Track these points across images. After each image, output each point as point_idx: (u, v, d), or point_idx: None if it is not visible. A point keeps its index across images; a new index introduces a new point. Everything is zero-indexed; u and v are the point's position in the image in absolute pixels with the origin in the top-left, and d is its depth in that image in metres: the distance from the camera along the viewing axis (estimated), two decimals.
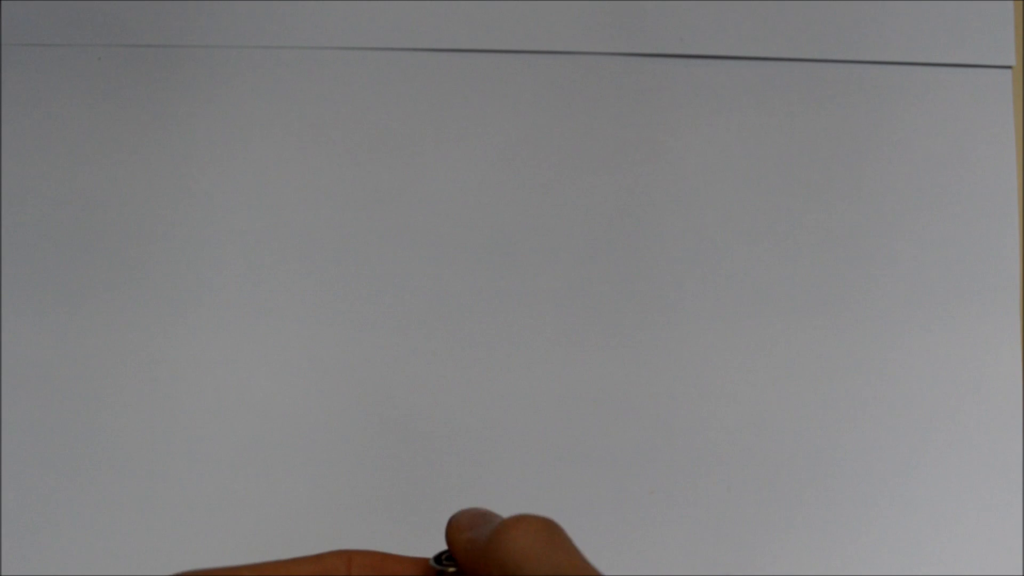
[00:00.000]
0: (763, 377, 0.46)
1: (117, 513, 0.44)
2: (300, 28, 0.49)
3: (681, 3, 0.49)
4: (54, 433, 0.45)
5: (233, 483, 0.45)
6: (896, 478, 0.45)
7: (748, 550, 0.45)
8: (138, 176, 0.48)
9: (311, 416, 0.45)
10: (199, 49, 0.49)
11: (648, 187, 0.48)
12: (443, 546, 0.25)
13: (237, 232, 0.47)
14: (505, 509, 0.28)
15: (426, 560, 0.25)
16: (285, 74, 0.49)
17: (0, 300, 0.46)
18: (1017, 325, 0.47)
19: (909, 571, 0.44)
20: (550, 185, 0.48)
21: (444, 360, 0.46)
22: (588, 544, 0.26)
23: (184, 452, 0.45)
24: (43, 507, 0.44)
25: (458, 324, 0.47)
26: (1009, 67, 0.49)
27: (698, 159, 0.48)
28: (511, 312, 0.47)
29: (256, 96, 0.49)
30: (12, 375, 0.46)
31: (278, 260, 0.47)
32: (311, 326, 0.46)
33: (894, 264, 0.47)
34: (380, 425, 0.45)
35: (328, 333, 0.46)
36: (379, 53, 0.49)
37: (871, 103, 0.49)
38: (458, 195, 0.48)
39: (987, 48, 0.49)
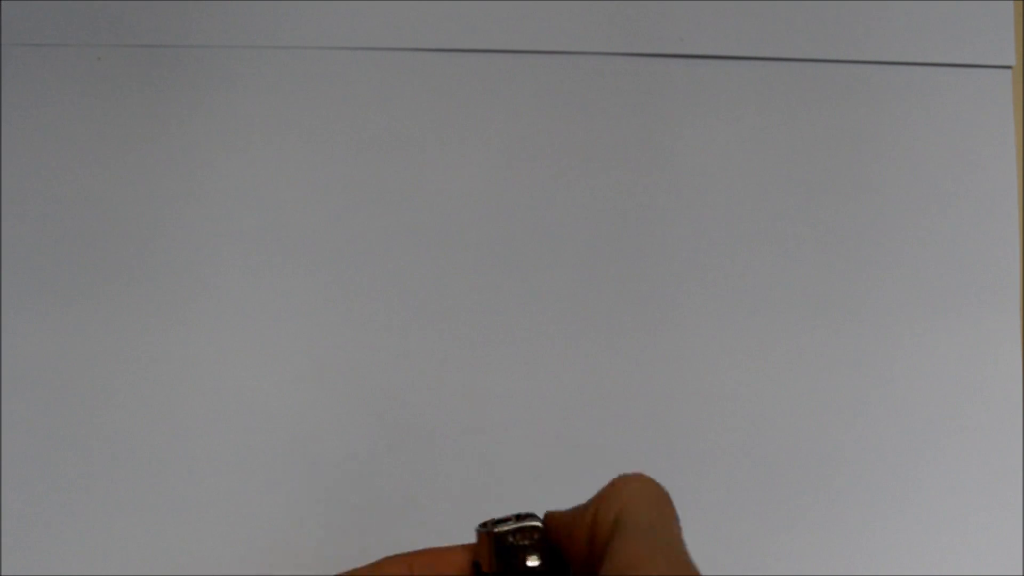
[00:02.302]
0: (763, 377, 0.46)
1: (117, 513, 0.44)
2: (300, 28, 0.49)
3: (681, 3, 0.49)
4: (54, 433, 0.45)
5: (233, 482, 0.45)
6: (896, 478, 0.45)
7: (748, 550, 0.44)
8: (138, 176, 0.48)
9: (311, 415, 0.45)
10: (199, 49, 0.49)
11: (648, 187, 0.48)
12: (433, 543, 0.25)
13: (237, 232, 0.47)
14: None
15: (474, 545, 0.25)
16: (285, 74, 0.49)
17: (0, 300, 0.46)
18: (1017, 325, 0.47)
19: (909, 571, 0.44)
20: (550, 185, 0.48)
21: (445, 360, 0.46)
22: None
23: (184, 451, 0.45)
24: (43, 507, 0.44)
25: (459, 324, 0.47)
26: (1009, 67, 0.49)
27: (698, 159, 0.48)
28: (511, 312, 0.47)
29: (256, 96, 0.49)
30: (12, 375, 0.46)
31: (278, 260, 0.47)
32: (311, 326, 0.46)
33: (894, 264, 0.47)
34: (380, 425, 0.45)
35: (327, 333, 0.46)
36: (379, 53, 0.49)
37: (871, 103, 0.49)
38: (458, 195, 0.48)
39: (987, 48, 0.49)
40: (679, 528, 0.22)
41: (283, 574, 0.43)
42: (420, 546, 0.27)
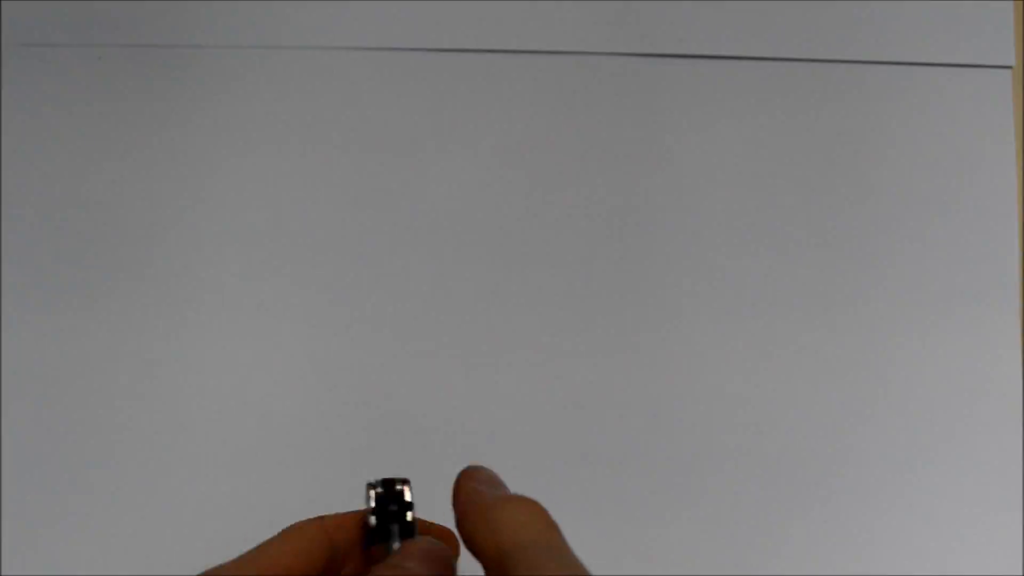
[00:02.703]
0: (763, 377, 0.46)
1: (117, 513, 0.44)
2: (300, 28, 0.49)
3: (681, 3, 0.49)
4: (54, 433, 0.45)
5: (233, 482, 0.45)
6: (896, 478, 0.45)
7: (748, 550, 0.45)
8: (138, 176, 0.48)
9: (311, 416, 0.45)
10: (199, 49, 0.49)
11: (648, 187, 0.48)
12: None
13: (237, 232, 0.47)
14: None
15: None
16: (285, 74, 0.49)
17: (0, 300, 0.46)
18: (1017, 325, 0.47)
19: (909, 571, 0.44)
20: (549, 185, 0.48)
21: (444, 360, 0.46)
22: (588, 544, 0.26)
23: (184, 452, 0.45)
24: (43, 507, 0.44)
25: (458, 324, 0.47)
26: (1009, 67, 0.49)
27: (698, 159, 0.48)
28: (511, 312, 0.47)
29: (256, 96, 0.49)
30: (12, 375, 0.46)
31: (278, 260, 0.47)
32: (311, 326, 0.46)
33: (894, 264, 0.47)
34: (380, 425, 0.45)
35: (328, 333, 0.46)
36: (379, 53, 0.49)
37: (871, 103, 0.49)
38: (458, 195, 0.48)
39: (987, 48, 0.49)
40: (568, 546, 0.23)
41: None
42: None
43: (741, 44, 0.49)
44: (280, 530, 0.26)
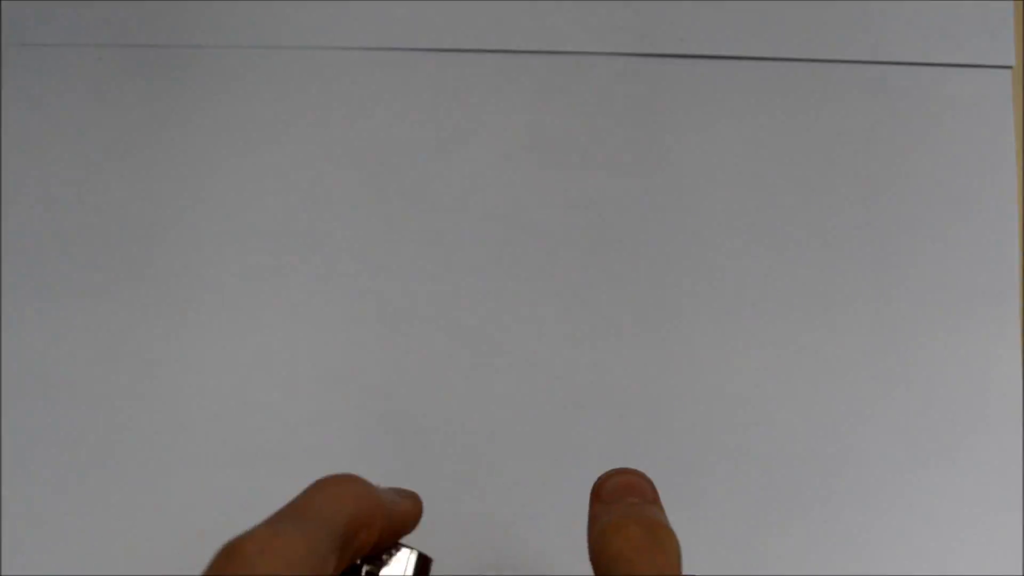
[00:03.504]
0: (764, 377, 0.46)
1: (117, 513, 0.44)
2: (300, 28, 0.49)
3: (681, 3, 0.49)
4: (54, 433, 0.45)
5: (233, 483, 0.45)
6: (896, 478, 0.45)
7: (748, 550, 0.44)
8: (138, 176, 0.48)
9: (311, 415, 0.45)
10: (199, 49, 0.49)
11: (648, 187, 0.48)
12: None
13: (237, 232, 0.47)
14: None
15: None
16: (285, 74, 0.49)
17: (0, 300, 0.46)
18: (1017, 325, 0.47)
19: (909, 571, 0.44)
20: (549, 185, 0.48)
21: (444, 359, 0.46)
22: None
23: (184, 452, 0.45)
24: (43, 507, 0.44)
25: (458, 324, 0.47)
26: (1009, 67, 0.49)
27: (698, 159, 0.48)
28: (511, 311, 0.47)
29: (256, 96, 0.49)
30: (12, 375, 0.46)
31: (278, 260, 0.47)
32: (311, 326, 0.46)
33: (894, 264, 0.47)
34: (380, 425, 0.45)
35: (328, 333, 0.46)
36: (379, 53, 0.49)
37: (871, 103, 0.49)
38: (457, 195, 0.48)
39: (987, 48, 0.49)
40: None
41: None
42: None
43: (741, 44, 0.49)
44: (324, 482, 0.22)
